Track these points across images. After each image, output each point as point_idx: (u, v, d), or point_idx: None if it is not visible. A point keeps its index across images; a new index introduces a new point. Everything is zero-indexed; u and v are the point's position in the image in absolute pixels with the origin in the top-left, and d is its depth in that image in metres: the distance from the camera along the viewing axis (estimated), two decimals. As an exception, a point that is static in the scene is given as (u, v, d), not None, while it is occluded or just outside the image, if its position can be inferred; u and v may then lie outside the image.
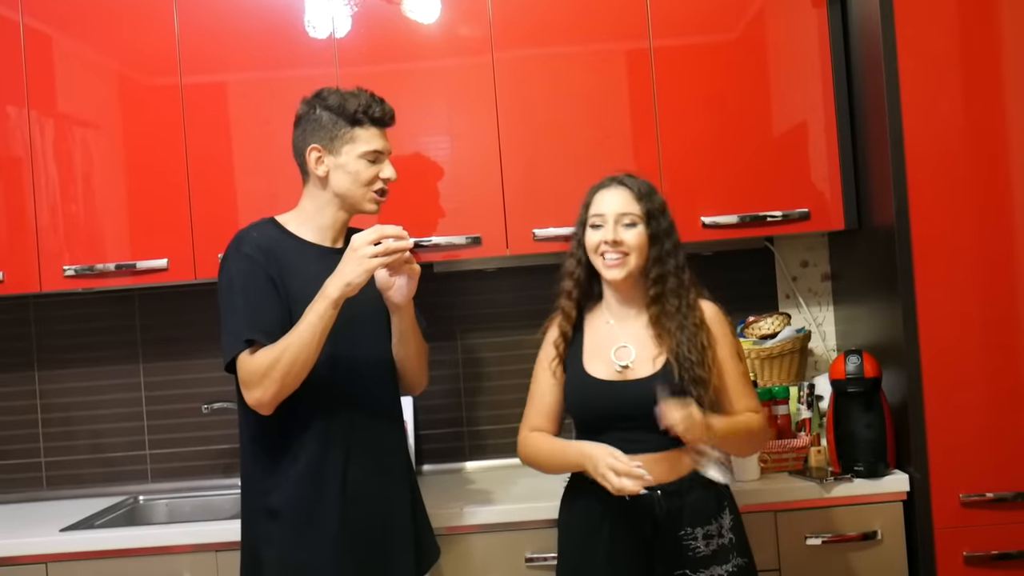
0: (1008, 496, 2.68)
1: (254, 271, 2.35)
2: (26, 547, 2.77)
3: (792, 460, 2.86)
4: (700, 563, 2.29)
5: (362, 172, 2.43)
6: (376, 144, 2.44)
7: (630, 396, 2.31)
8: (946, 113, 2.72)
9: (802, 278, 3.41)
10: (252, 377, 2.28)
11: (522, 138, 3.00)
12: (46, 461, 3.44)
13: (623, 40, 3.01)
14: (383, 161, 2.46)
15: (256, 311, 2.33)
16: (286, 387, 2.27)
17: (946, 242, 2.71)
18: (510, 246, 2.98)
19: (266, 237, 2.43)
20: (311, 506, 2.36)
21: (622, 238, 2.34)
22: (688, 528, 2.29)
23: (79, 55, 3.05)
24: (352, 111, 2.43)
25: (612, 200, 2.38)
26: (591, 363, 2.39)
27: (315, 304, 2.24)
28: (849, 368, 2.79)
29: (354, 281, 2.20)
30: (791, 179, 2.99)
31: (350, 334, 2.37)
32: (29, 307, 3.45)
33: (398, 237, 2.22)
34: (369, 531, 2.40)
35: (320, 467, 2.37)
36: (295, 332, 2.25)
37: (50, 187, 3.04)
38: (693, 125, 2.99)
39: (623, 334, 2.41)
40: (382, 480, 2.45)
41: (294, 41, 3.02)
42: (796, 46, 3.00)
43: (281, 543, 2.38)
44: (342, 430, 2.39)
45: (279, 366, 2.24)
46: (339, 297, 2.21)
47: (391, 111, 2.49)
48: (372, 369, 2.46)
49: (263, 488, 2.40)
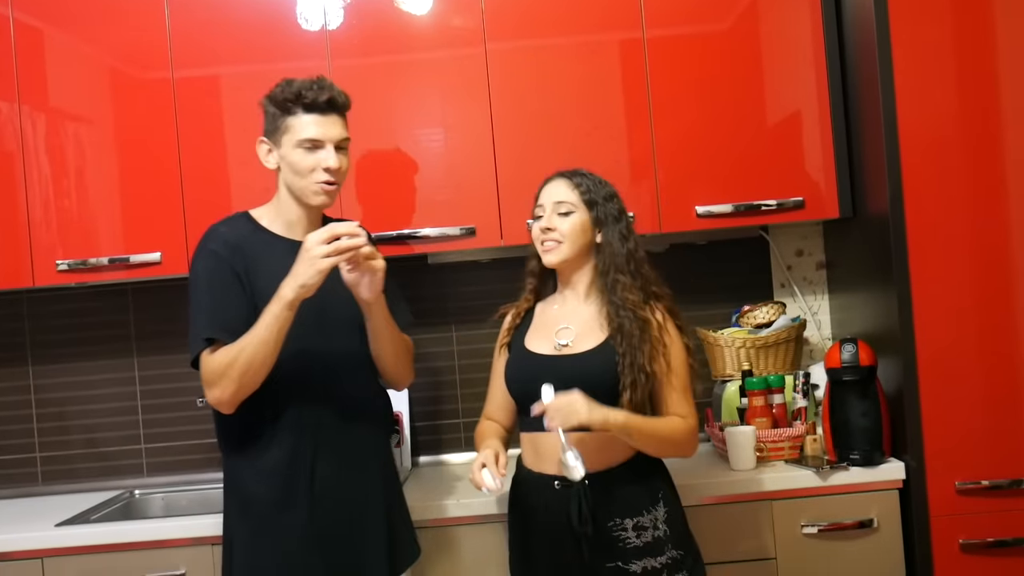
0: (1003, 484, 2.69)
1: (219, 268, 2.31)
2: (22, 542, 2.77)
3: (788, 449, 2.86)
4: (631, 555, 2.29)
5: (298, 162, 2.33)
6: (310, 131, 2.32)
7: (566, 369, 2.34)
8: (940, 101, 2.72)
9: (797, 267, 3.41)
10: (211, 376, 2.25)
11: (516, 129, 2.99)
12: (41, 456, 3.43)
13: (617, 30, 3.00)
14: (324, 148, 2.33)
15: (218, 309, 2.29)
16: (244, 386, 2.24)
17: (941, 230, 2.71)
18: (504, 237, 2.98)
19: (235, 232, 2.38)
20: (279, 502, 2.33)
21: (555, 225, 2.40)
22: (617, 519, 2.30)
23: (70, 49, 3.03)
24: (282, 99, 2.35)
25: (550, 191, 2.45)
26: (532, 342, 2.44)
27: (271, 305, 2.19)
28: (844, 357, 2.79)
29: (307, 283, 2.14)
30: (786, 168, 2.99)
31: (323, 330, 2.34)
32: (22, 302, 3.44)
33: (351, 235, 2.15)
34: (337, 528, 2.36)
35: (288, 464, 2.33)
36: (252, 332, 2.21)
37: (42, 182, 3.03)
38: (687, 115, 2.99)
39: (568, 317, 2.44)
40: (353, 477, 2.39)
41: (286, 33, 3.01)
42: (790, 35, 3.00)
43: (250, 538, 2.37)
44: (312, 427, 2.34)
45: (236, 366, 2.21)
46: (294, 299, 2.16)
47: (332, 96, 2.35)
48: (345, 365, 2.40)
49: (235, 483, 2.40)
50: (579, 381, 2.26)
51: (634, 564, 2.29)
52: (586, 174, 2.46)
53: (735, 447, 2.80)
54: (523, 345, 2.45)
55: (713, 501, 2.70)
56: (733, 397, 3.06)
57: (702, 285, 3.35)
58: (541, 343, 2.43)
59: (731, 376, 3.12)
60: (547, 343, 2.42)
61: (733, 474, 2.78)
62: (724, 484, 2.73)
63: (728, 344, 3.12)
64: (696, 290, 3.32)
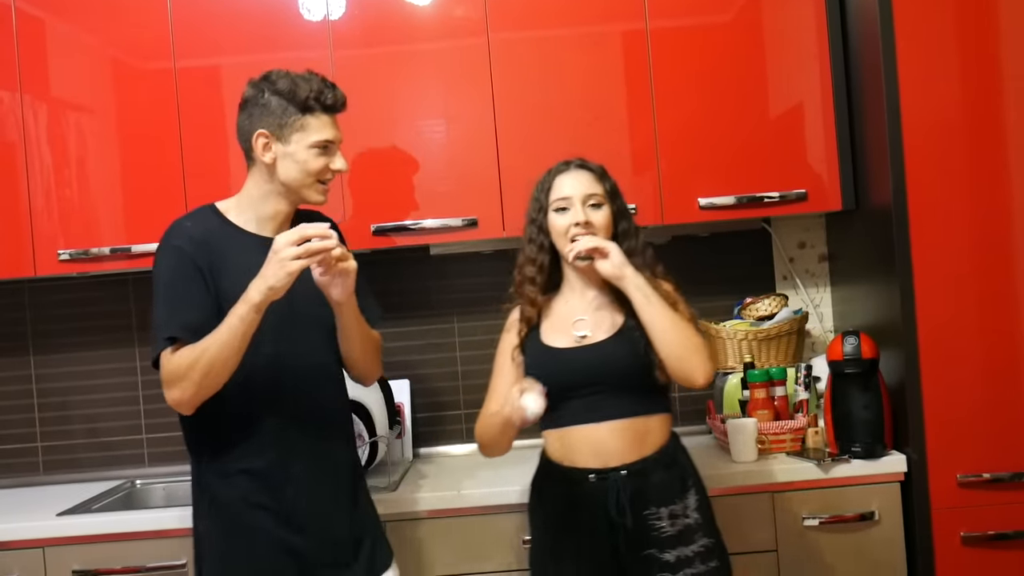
0: (1005, 476, 2.69)
1: (181, 264, 2.23)
2: (23, 531, 2.77)
3: (790, 441, 2.86)
4: (666, 543, 2.28)
5: (311, 162, 2.28)
6: (327, 133, 2.29)
7: (590, 359, 2.33)
8: (943, 93, 2.71)
9: (799, 259, 3.41)
10: (171, 377, 2.17)
11: (518, 120, 2.99)
12: (42, 446, 3.44)
13: (620, 21, 2.99)
14: (334, 151, 2.32)
15: (179, 307, 2.21)
16: (205, 388, 2.16)
17: (944, 223, 2.70)
18: (506, 228, 2.98)
19: (200, 227, 2.30)
20: (249, 504, 2.27)
21: (591, 219, 2.35)
22: (653, 508, 2.29)
23: (72, 39, 3.03)
24: (303, 98, 2.27)
25: (576, 182, 2.39)
26: (550, 337, 2.41)
27: (237, 307, 2.10)
28: (847, 349, 2.79)
29: (276, 285, 2.06)
30: (788, 160, 2.98)
31: (292, 334, 2.28)
32: (24, 292, 3.44)
33: (322, 237, 2.08)
34: (304, 536, 2.29)
35: (256, 470, 2.27)
36: (216, 333, 2.12)
37: (44, 171, 3.02)
38: (690, 106, 2.98)
39: (582, 310, 2.42)
40: (322, 484, 2.32)
41: (288, 24, 3.00)
42: (793, 26, 2.99)
43: (222, 538, 2.31)
44: (277, 432, 2.28)
45: (198, 367, 2.12)
46: (261, 301, 2.08)
47: (343, 97, 2.33)
48: (314, 373, 2.33)
49: (204, 484, 2.33)
50: (608, 369, 2.28)
51: (668, 553, 2.28)
52: (596, 164, 2.44)
53: (737, 439, 2.80)
54: (541, 342, 2.41)
55: (715, 493, 2.69)
56: (735, 389, 3.06)
57: (704, 277, 3.34)
58: (559, 338, 2.39)
59: (733, 368, 3.12)
60: (565, 337, 2.39)
61: (735, 466, 2.78)
62: (726, 476, 2.73)
63: (730, 336, 3.12)
64: (698, 282, 3.30)
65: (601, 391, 2.31)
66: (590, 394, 2.31)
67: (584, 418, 2.31)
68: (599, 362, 2.31)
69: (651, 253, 2.43)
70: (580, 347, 2.36)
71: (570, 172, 2.42)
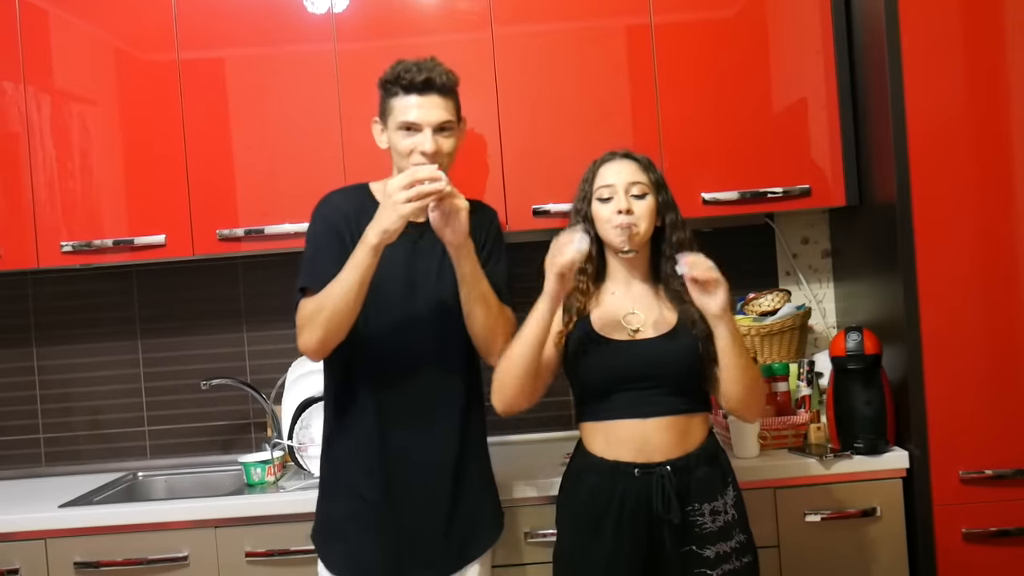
0: (1007, 473, 2.68)
1: (325, 228, 2.41)
2: (25, 523, 2.77)
3: (792, 437, 2.86)
4: (707, 539, 2.28)
5: (398, 144, 2.37)
6: (409, 114, 2.34)
7: (645, 355, 2.31)
8: (948, 89, 2.70)
9: (802, 255, 3.41)
10: (301, 322, 2.33)
11: (522, 114, 2.98)
12: (44, 437, 3.44)
13: (623, 15, 2.99)
14: (421, 131, 2.35)
15: (315, 262, 2.37)
16: (330, 333, 2.29)
17: (947, 219, 2.70)
18: (510, 222, 2.97)
19: (347, 201, 2.46)
20: (352, 477, 2.43)
21: (635, 207, 2.34)
22: (696, 504, 2.29)
23: (76, 30, 3.03)
24: (385, 80, 2.39)
25: (620, 171, 2.38)
26: (603, 328, 2.37)
27: (356, 251, 2.24)
28: (849, 345, 2.78)
29: (390, 228, 2.18)
30: (792, 155, 2.98)
31: (411, 309, 2.39)
32: (27, 283, 3.44)
33: (432, 179, 2.17)
34: (410, 509, 2.41)
35: (360, 437, 2.41)
36: (337, 280, 2.26)
37: (47, 163, 3.02)
38: (694, 101, 2.98)
39: (631, 302, 2.40)
40: (426, 455, 2.42)
41: (292, 16, 3.00)
42: (797, 22, 2.98)
43: (326, 509, 2.49)
44: (385, 407, 2.40)
45: (323, 312, 2.27)
46: (377, 244, 2.20)
47: (429, 77, 2.35)
48: (427, 349, 2.41)
49: (325, 450, 2.51)
50: (663, 367, 2.28)
51: (708, 549, 2.28)
52: (639, 155, 2.44)
53: (739, 435, 2.80)
54: (596, 332, 2.36)
55: (716, 488, 2.70)
56: (737, 385, 3.05)
57: (707, 272, 3.34)
58: (612, 329, 2.36)
59: (735, 364, 3.11)
60: (618, 329, 2.36)
61: (737, 462, 2.76)
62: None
63: (733, 332, 3.12)
64: (701, 277, 3.31)
65: (651, 387, 2.30)
66: (640, 389, 2.30)
67: (629, 413, 2.30)
68: (655, 359, 2.30)
69: (698, 246, 2.40)
70: (635, 341, 2.34)
71: (615, 161, 2.41)
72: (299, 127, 2.99)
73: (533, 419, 3.34)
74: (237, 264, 3.39)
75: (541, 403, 3.24)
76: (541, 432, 3.36)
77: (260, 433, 3.38)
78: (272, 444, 3.05)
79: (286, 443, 2.97)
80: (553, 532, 2.50)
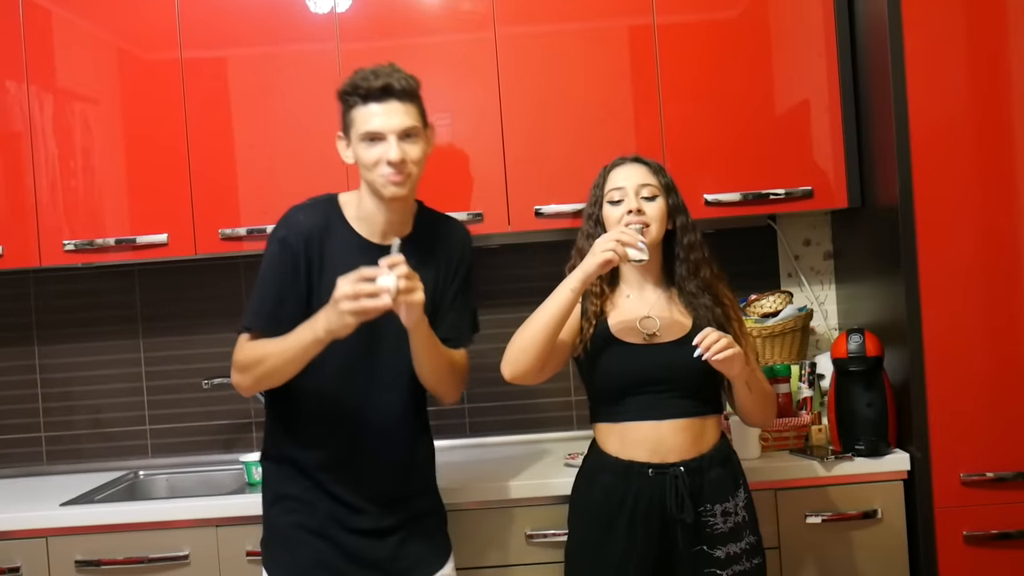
0: (1008, 476, 2.68)
1: (283, 258, 2.28)
2: (26, 521, 2.77)
3: (793, 438, 2.86)
4: (718, 540, 2.30)
5: (363, 156, 2.24)
6: (371, 123, 2.21)
7: (662, 359, 2.33)
8: (951, 91, 2.70)
9: (804, 256, 3.40)
10: (237, 363, 2.28)
11: (524, 114, 2.98)
12: (46, 436, 3.44)
13: (626, 16, 2.99)
14: (385, 140, 2.21)
15: (265, 300, 2.29)
16: (261, 386, 2.30)
17: (950, 221, 2.70)
18: (512, 223, 2.97)
19: (313, 221, 2.31)
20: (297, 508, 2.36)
21: (645, 208, 2.36)
22: (708, 505, 2.31)
23: (78, 29, 3.03)
24: (343, 92, 2.26)
25: (631, 174, 2.41)
26: (620, 332, 2.38)
27: (305, 330, 2.14)
28: (851, 347, 2.78)
29: (337, 332, 2.08)
30: (794, 157, 2.98)
31: (371, 343, 2.28)
32: (29, 282, 3.44)
33: (373, 294, 2.01)
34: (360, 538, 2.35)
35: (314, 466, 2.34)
36: (282, 344, 2.18)
37: (50, 162, 3.02)
38: (696, 102, 2.98)
39: (646, 306, 2.41)
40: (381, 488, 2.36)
41: (295, 16, 3.00)
42: (800, 23, 2.98)
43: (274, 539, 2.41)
44: (347, 437, 2.34)
45: (259, 367, 2.22)
46: (324, 338, 2.10)
47: (387, 83, 2.22)
48: (387, 379, 2.34)
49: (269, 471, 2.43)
50: (680, 371, 2.29)
51: (719, 550, 2.30)
52: (650, 160, 2.47)
53: (740, 436, 2.79)
54: (613, 335, 2.38)
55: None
56: (738, 386, 3.05)
57: (709, 273, 3.34)
58: (628, 333, 2.38)
59: (737, 365, 3.11)
60: (633, 333, 2.38)
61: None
62: (728, 473, 2.73)
63: (734, 333, 3.12)
64: (703, 278, 3.31)
65: (666, 390, 2.32)
66: (655, 392, 2.32)
67: (645, 415, 2.32)
68: (670, 363, 2.31)
69: (709, 249, 2.45)
70: (652, 345, 2.36)
71: (625, 165, 2.44)
72: (302, 126, 2.99)
73: (533, 419, 3.35)
74: (239, 263, 3.39)
75: (541, 403, 3.26)
76: (541, 432, 3.35)
77: (261, 432, 3.36)
78: (273, 443, 3.06)
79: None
80: (555, 532, 2.51)
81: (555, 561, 2.56)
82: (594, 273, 2.24)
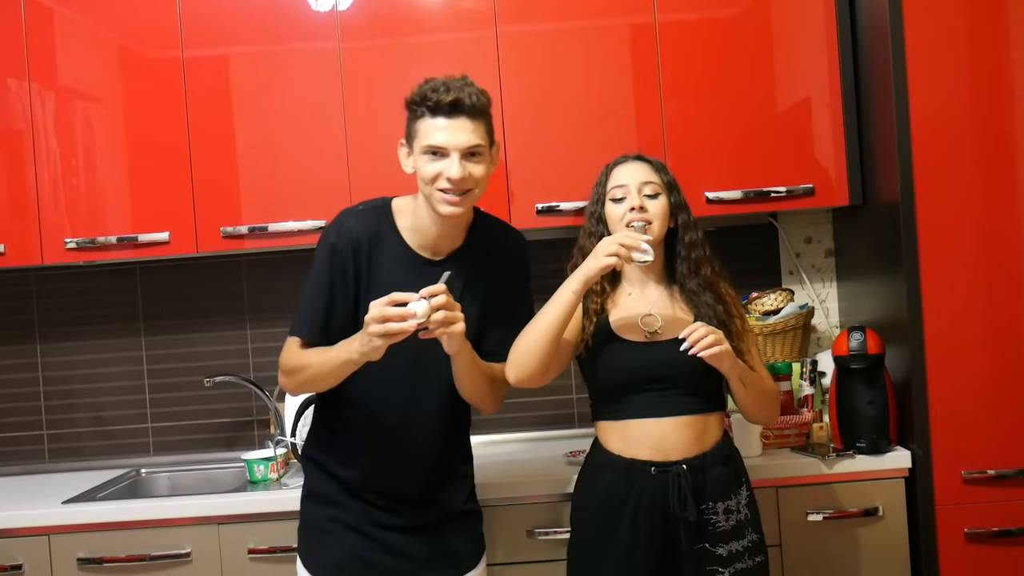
0: (1009, 473, 2.68)
1: (332, 265, 2.27)
2: (28, 519, 2.78)
3: (794, 436, 2.86)
4: (720, 538, 2.30)
5: (423, 169, 2.19)
6: (435, 138, 2.17)
7: (664, 357, 2.32)
8: (952, 88, 2.70)
9: (806, 254, 3.40)
10: (283, 365, 2.31)
11: (525, 112, 2.98)
12: (48, 433, 3.44)
13: (627, 14, 2.99)
14: (448, 156, 2.17)
15: (312, 309, 2.29)
16: (304, 390, 2.39)
17: (951, 219, 2.70)
18: (512, 220, 2.96)
19: (363, 228, 2.29)
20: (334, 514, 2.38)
21: (647, 206, 2.36)
22: (710, 503, 2.31)
23: (80, 27, 3.03)
24: (411, 101, 2.22)
25: (633, 172, 2.41)
26: (621, 330, 2.38)
27: (340, 349, 2.15)
28: (852, 345, 2.78)
29: (369, 355, 2.09)
30: (796, 155, 2.98)
31: (415, 357, 2.26)
32: (31, 280, 3.45)
33: (400, 318, 2.02)
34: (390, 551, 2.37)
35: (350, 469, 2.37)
36: (322, 357, 2.20)
37: (51, 160, 3.03)
38: (697, 100, 2.98)
39: (647, 304, 2.41)
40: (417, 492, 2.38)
41: (296, 14, 3.00)
42: (802, 21, 2.98)
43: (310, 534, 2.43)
44: (385, 446, 2.34)
45: (301, 375, 2.26)
46: (359, 360, 2.12)
47: (457, 98, 2.16)
48: (429, 393, 2.34)
49: (308, 468, 2.46)
50: (682, 368, 2.28)
51: (721, 547, 2.29)
52: (652, 158, 2.47)
53: (742, 433, 2.79)
54: (614, 333, 2.38)
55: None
56: (740, 384, 3.06)
57: (710, 271, 3.34)
58: (629, 331, 2.38)
59: (738, 363, 3.11)
60: (635, 331, 2.38)
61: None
62: (730, 470, 2.73)
63: (736, 331, 3.12)
64: (704, 276, 3.31)
65: (669, 388, 2.32)
66: (658, 389, 2.32)
67: (647, 412, 2.32)
68: (673, 360, 2.29)
69: (710, 247, 2.45)
70: (654, 343, 2.36)
71: (627, 163, 2.44)
72: (303, 125, 2.99)
73: (534, 417, 3.35)
74: (241, 261, 3.39)
75: (541, 402, 3.26)
76: (542, 430, 3.36)
77: (263, 430, 3.38)
78: (275, 441, 3.07)
79: (289, 440, 2.98)
80: (557, 529, 2.51)
81: (557, 559, 2.56)
82: (595, 276, 2.25)
